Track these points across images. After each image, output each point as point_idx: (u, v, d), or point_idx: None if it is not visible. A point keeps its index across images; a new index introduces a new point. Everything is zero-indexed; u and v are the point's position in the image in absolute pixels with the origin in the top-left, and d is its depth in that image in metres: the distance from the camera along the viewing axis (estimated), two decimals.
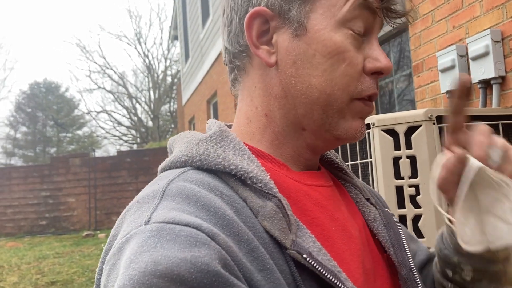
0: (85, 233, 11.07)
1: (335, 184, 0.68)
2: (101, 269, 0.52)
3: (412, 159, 1.49)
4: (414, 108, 3.53)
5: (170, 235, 0.44)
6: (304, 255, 0.50)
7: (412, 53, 3.02)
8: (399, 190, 1.51)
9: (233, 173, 0.54)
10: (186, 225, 0.45)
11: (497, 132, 1.59)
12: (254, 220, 0.52)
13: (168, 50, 25.30)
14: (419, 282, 0.64)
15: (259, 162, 0.57)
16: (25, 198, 12.42)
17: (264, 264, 0.48)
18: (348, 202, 0.67)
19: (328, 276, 0.50)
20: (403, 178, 1.50)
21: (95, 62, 28.85)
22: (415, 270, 0.65)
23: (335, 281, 0.50)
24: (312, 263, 0.50)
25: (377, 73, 0.62)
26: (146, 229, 0.46)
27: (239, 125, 0.66)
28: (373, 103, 0.65)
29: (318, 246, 0.53)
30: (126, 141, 26.69)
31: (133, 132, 26.48)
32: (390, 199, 1.51)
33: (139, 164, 12.52)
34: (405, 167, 1.49)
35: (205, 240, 0.44)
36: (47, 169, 12.52)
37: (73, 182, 12.43)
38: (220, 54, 8.21)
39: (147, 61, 25.49)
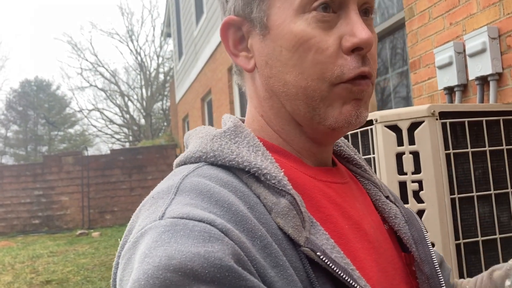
0: (79, 231, 11.01)
1: (352, 181, 0.67)
2: (117, 263, 0.52)
3: (415, 154, 1.51)
4: (410, 104, 3.55)
5: (183, 230, 0.44)
6: (318, 253, 0.50)
7: (409, 50, 3.04)
8: (402, 185, 1.52)
9: (246, 169, 0.54)
10: (200, 220, 0.45)
11: (498, 128, 1.61)
12: (268, 217, 0.51)
13: (161, 47, 25.20)
14: (442, 279, 0.63)
15: (273, 158, 0.57)
16: (17, 197, 12.33)
17: (277, 261, 0.48)
18: (364, 200, 0.67)
19: (341, 274, 0.50)
20: (406, 174, 1.52)
21: (87, 60, 28.77)
22: (438, 267, 0.64)
23: (348, 279, 0.50)
24: (326, 261, 0.50)
25: (358, 49, 0.57)
26: (160, 224, 0.46)
27: (247, 123, 0.66)
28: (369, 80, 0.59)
29: (332, 243, 0.52)
30: (118, 139, 26.58)
31: (126, 130, 26.36)
32: None
33: (133, 163, 12.47)
34: (408, 163, 1.51)
35: (218, 235, 0.44)
36: (40, 167, 12.43)
37: (66, 181, 12.35)
38: (214, 51, 8.19)
39: (139, 58, 25.36)
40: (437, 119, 1.49)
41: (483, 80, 2.43)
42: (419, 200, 1.50)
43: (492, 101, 2.34)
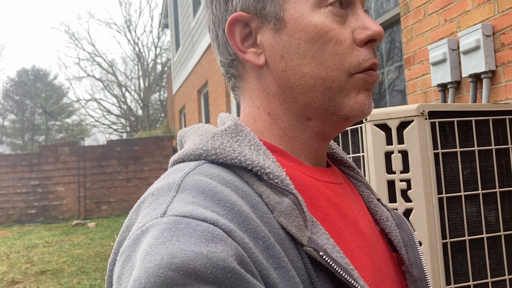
0: (75, 222, 11.02)
1: (346, 182, 0.68)
2: (114, 260, 0.52)
3: (404, 153, 1.51)
4: (404, 100, 3.55)
5: (186, 229, 0.43)
6: (321, 253, 0.50)
7: (404, 46, 3.03)
8: (391, 184, 1.53)
9: (249, 168, 0.54)
10: (203, 220, 0.45)
11: (488, 128, 1.61)
12: (270, 216, 0.51)
13: (158, 38, 25.09)
14: (430, 282, 0.65)
15: (274, 157, 0.57)
16: (13, 186, 12.32)
17: (280, 262, 0.48)
18: (358, 201, 0.67)
19: (342, 273, 0.50)
20: (394, 173, 1.52)
21: (84, 50, 28.61)
22: (426, 270, 0.65)
23: (349, 279, 0.50)
24: (328, 260, 0.50)
25: (370, 42, 0.61)
26: (162, 221, 0.45)
27: (245, 124, 0.65)
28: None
29: (332, 243, 0.53)
30: (115, 130, 26.56)
31: (123, 121, 26.33)
32: (382, 193, 1.53)
33: (129, 154, 12.46)
34: (396, 162, 1.51)
35: (221, 236, 0.44)
36: (36, 157, 12.41)
37: (62, 171, 12.34)
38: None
39: (136, 49, 25.26)
40: (426, 119, 1.49)
41: (477, 78, 2.43)
42: (407, 199, 1.51)
43: (484, 98, 2.34)
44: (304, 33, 0.59)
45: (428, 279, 0.65)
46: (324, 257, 0.50)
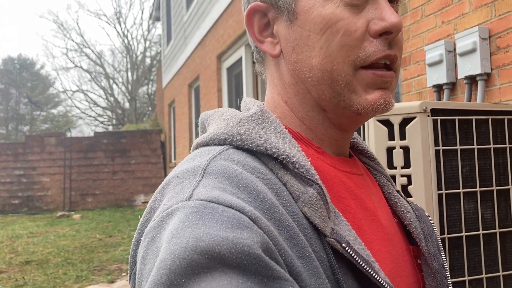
0: (59, 213, 10.91)
1: (365, 173, 0.68)
2: (138, 240, 0.52)
3: (406, 149, 1.53)
4: (397, 100, 3.59)
5: (212, 214, 0.44)
6: (343, 244, 0.50)
7: None
8: (392, 179, 1.55)
9: (274, 156, 0.54)
10: (229, 206, 0.45)
11: (487, 127, 1.65)
12: (294, 205, 0.51)
13: (148, 31, 24.90)
14: (448, 274, 0.65)
15: (299, 146, 0.57)
16: None
17: (304, 252, 0.48)
18: (377, 192, 0.67)
19: (364, 265, 0.51)
20: (396, 168, 1.55)
21: (73, 40, 28.27)
22: (446, 263, 0.65)
23: (370, 271, 0.51)
24: (350, 252, 0.50)
25: (386, 34, 0.57)
26: (188, 205, 0.45)
27: (268, 109, 0.65)
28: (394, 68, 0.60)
29: (354, 234, 0.53)
30: (101, 122, 26.32)
31: (109, 113, 26.11)
32: None
33: (116, 146, 12.38)
34: (398, 157, 1.54)
35: (247, 223, 0.44)
36: (21, 147, 12.25)
37: (47, 162, 12.21)
38: (204, 37, 8.14)
39: (126, 41, 25.04)
40: (428, 116, 1.52)
41: (472, 80, 2.47)
42: (407, 195, 1.53)
43: (479, 100, 2.38)
44: (313, 24, 0.58)
45: (447, 272, 0.65)
46: (346, 248, 0.50)
